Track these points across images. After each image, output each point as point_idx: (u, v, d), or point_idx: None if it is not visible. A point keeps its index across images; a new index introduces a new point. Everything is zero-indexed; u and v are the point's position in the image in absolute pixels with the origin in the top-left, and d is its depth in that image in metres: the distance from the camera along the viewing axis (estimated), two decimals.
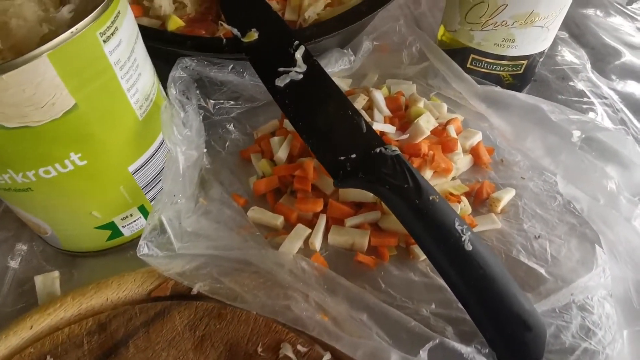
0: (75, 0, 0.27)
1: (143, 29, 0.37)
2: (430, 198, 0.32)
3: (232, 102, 0.45)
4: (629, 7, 0.64)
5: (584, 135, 0.32)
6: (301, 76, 0.37)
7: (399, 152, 0.34)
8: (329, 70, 0.46)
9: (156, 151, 0.33)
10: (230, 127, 0.44)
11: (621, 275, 0.31)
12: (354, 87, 0.49)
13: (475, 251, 0.30)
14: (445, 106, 0.46)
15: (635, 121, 0.47)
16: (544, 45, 0.45)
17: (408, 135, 0.40)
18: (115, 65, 0.28)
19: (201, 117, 0.43)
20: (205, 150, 0.41)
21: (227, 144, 0.44)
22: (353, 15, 0.39)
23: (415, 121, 0.41)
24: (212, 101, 0.43)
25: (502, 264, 0.31)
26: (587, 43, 0.58)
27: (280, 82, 0.36)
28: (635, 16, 0.62)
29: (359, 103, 0.43)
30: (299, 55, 0.37)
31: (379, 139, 0.35)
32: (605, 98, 0.50)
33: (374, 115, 0.43)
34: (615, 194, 0.29)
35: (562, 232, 0.37)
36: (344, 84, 0.49)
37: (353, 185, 0.34)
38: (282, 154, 0.40)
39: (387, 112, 0.43)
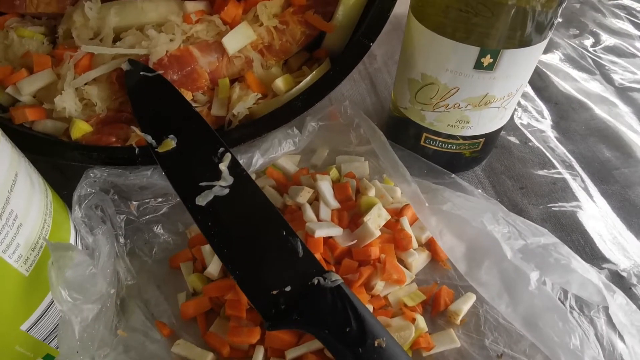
0: None
1: (35, 144, 0.32)
2: (376, 344, 0.28)
3: (159, 199, 0.39)
4: (592, 49, 0.62)
5: (543, 279, 0.29)
6: (227, 191, 0.32)
7: (340, 282, 0.30)
8: (272, 154, 0.41)
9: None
10: (158, 229, 0.39)
11: None
12: (301, 167, 0.44)
13: None
14: (398, 190, 0.42)
15: (600, 197, 0.44)
16: (501, 123, 0.41)
17: (356, 241, 0.36)
18: None
19: (123, 223, 0.38)
20: (127, 263, 0.36)
21: (154, 250, 0.38)
22: (287, 112, 0.34)
23: (364, 222, 0.36)
24: (134, 203, 0.38)
25: None
26: (550, 97, 0.54)
27: (202, 200, 0.31)
28: (601, 61, 0.60)
29: (304, 196, 0.39)
30: (223, 166, 0.32)
31: (318, 264, 0.31)
32: (572, 168, 0.46)
33: (320, 210, 0.38)
34: (579, 355, 0.26)
35: (527, 346, 0.33)
36: (291, 162, 0.45)
37: (288, 327, 0.29)
38: (213, 268, 0.35)
39: (334, 204, 0.39)
